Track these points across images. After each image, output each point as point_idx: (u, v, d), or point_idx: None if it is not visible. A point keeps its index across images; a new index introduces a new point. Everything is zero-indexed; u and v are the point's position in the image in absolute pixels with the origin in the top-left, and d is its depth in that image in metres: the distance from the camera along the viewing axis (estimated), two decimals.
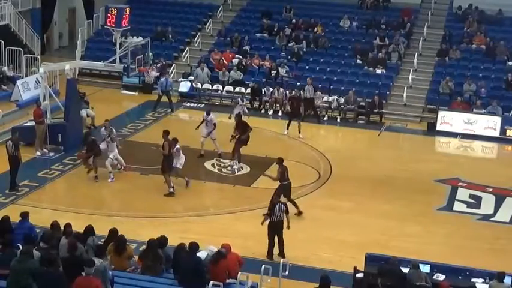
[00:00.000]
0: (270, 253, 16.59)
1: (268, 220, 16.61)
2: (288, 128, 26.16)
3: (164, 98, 28.79)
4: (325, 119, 28.96)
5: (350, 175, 22.66)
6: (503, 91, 30.17)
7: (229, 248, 14.00)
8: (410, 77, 31.13)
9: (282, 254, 16.44)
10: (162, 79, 29.29)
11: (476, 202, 21.24)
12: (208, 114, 23.24)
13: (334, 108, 29.35)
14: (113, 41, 25.41)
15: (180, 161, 20.44)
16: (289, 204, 17.82)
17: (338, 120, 29.13)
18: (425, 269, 14.60)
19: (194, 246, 13.50)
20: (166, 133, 20.37)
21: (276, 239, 16.63)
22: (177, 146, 20.36)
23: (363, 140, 27.19)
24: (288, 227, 16.69)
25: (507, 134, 27.77)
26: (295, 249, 16.82)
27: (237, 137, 22.79)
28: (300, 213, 19.03)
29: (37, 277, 11.72)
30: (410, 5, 35.86)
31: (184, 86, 31.11)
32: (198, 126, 23.27)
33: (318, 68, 32.34)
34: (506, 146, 27.44)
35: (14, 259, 12.07)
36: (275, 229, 16.58)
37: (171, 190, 20.21)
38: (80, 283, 11.69)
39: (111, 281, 12.44)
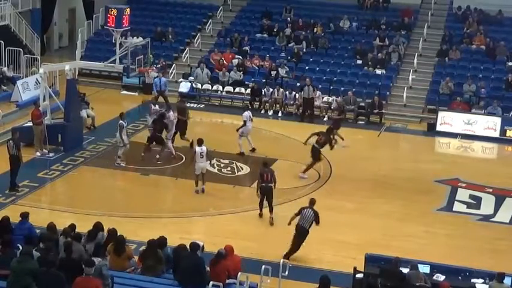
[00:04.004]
0: (287, 256, 16.18)
1: (297, 222, 16.39)
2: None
3: (161, 99, 28.67)
4: (325, 119, 28.94)
5: (350, 175, 22.65)
6: (503, 91, 30.15)
7: (232, 249, 13.99)
8: (410, 78, 31.11)
9: (286, 255, 16.14)
10: (156, 78, 29.08)
11: (476, 202, 21.23)
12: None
13: (334, 108, 29.33)
14: (113, 41, 25.38)
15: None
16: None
17: None
18: (425, 269, 14.59)
19: (195, 246, 13.51)
20: None
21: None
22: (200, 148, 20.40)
23: (363, 141, 27.14)
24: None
25: (507, 135, 27.74)
26: None
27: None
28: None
29: (37, 277, 11.72)
30: (410, 5, 35.82)
31: (184, 87, 31.07)
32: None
33: (317, 68, 32.32)
34: (506, 147, 27.42)
35: (14, 259, 12.08)
36: (300, 235, 16.33)
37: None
38: (79, 283, 11.70)
39: (111, 281, 12.45)
